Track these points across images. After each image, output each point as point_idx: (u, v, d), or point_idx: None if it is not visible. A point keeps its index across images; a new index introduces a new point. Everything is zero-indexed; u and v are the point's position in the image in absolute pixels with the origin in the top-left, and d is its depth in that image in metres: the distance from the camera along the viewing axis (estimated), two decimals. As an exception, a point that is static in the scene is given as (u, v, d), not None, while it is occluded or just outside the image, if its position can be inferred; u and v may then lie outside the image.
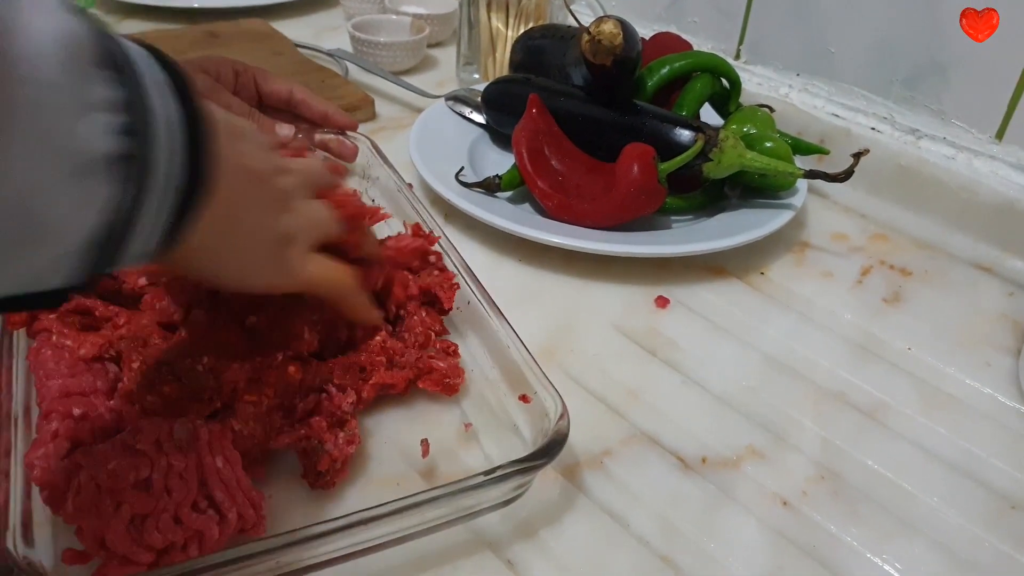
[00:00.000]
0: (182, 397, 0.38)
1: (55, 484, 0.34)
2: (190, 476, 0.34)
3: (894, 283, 0.60)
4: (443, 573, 0.36)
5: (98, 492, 0.33)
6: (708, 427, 0.45)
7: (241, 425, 0.38)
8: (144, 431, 0.35)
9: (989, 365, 0.52)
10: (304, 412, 0.41)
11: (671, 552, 0.38)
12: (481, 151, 0.72)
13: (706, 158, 0.59)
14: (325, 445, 0.39)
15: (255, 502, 0.36)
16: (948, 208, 0.66)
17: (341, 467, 0.39)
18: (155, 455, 0.34)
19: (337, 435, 0.39)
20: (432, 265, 0.49)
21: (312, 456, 0.39)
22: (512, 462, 0.35)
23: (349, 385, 0.42)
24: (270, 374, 0.39)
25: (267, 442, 0.39)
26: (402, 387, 0.44)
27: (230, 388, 0.39)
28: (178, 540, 0.33)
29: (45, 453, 0.35)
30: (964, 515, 0.41)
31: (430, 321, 0.47)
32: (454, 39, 0.92)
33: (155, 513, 0.33)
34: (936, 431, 0.46)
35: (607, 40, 0.58)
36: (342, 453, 0.39)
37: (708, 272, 0.59)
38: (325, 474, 0.38)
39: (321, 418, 0.40)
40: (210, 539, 0.34)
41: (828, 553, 0.38)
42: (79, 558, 0.33)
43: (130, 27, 1.00)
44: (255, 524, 0.35)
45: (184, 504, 0.33)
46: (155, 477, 0.33)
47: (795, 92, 0.77)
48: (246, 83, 0.60)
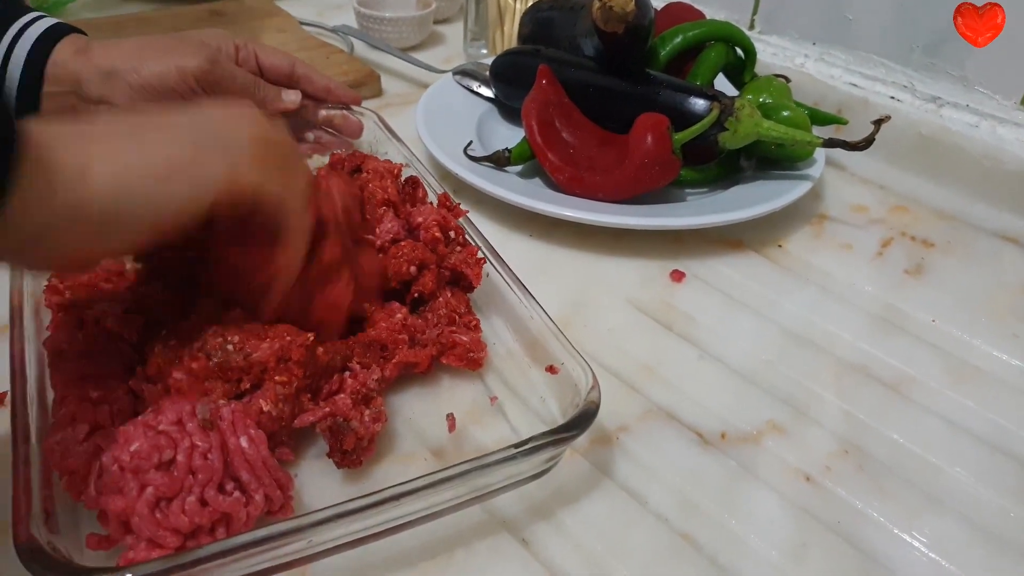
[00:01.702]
0: (210, 375, 0.37)
1: (75, 469, 0.33)
2: (215, 456, 0.33)
3: (916, 255, 0.58)
4: (458, 553, 0.35)
5: (121, 474, 0.32)
6: (727, 402, 0.44)
7: (270, 406, 0.36)
8: (166, 411, 0.34)
9: (1016, 336, 0.50)
10: (328, 392, 0.40)
11: (691, 529, 0.37)
12: (490, 126, 0.71)
13: (722, 128, 0.57)
14: (351, 423, 0.38)
15: (282, 483, 0.35)
16: (971, 177, 0.64)
17: (368, 445, 0.38)
18: (178, 435, 0.33)
19: (363, 412, 0.38)
20: (454, 241, 0.48)
21: (338, 434, 0.37)
22: (544, 433, 0.34)
23: (372, 363, 0.41)
24: (299, 353, 0.38)
25: (292, 422, 0.38)
26: (425, 365, 0.43)
27: (259, 368, 0.38)
28: (204, 523, 0.32)
29: (63, 438, 0.34)
30: (993, 489, 0.40)
31: (455, 302, 0.45)
32: (461, 15, 0.91)
33: (180, 495, 0.32)
34: (963, 404, 0.45)
35: (619, 7, 0.57)
36: (368, 431, 0.38)
37: (724, 245, 0.58)
38: (352, 452, 0.37)
39: (346, 396, 0.39)
40: (237, 521, 0.33)
41: (853, 529, 0.37)
42: (103, 543, 0.32)
43: (133, 7, 0.98)
44: (283, 505, 0.34)
45: (210, 485, 0.32)
46: (179, 458, 0.32)
47: (811, 62, 0.75)
48: (247, 57, 0.59)
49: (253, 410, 0.36)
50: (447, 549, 0.35)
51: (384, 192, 0.49)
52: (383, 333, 0.42)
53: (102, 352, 0.39)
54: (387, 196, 0.49)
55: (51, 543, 0.29)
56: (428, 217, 0.47)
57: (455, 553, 0.35)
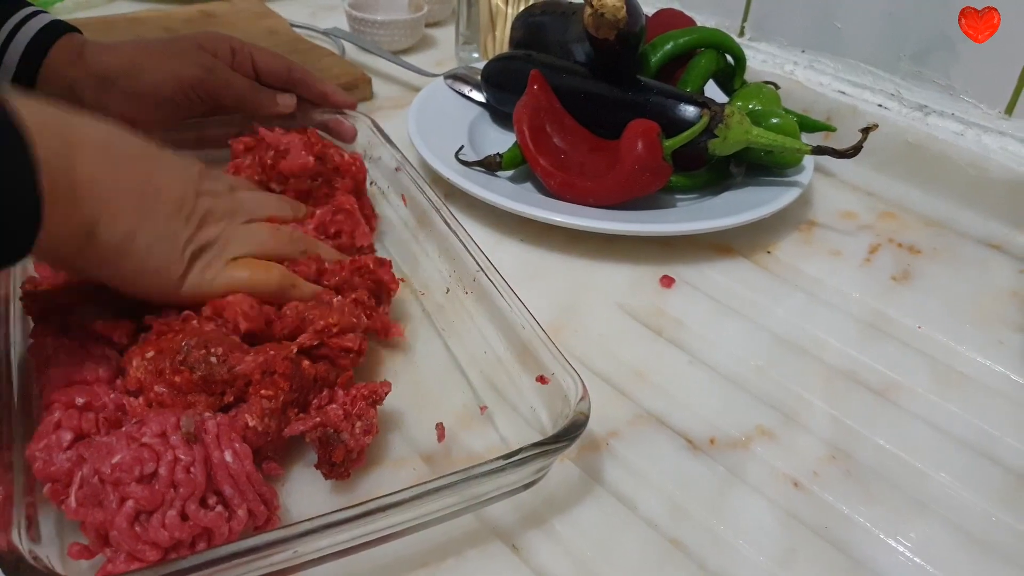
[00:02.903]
0: (193, 388, 0.37)
1: (57, 477, 0.33)
2: (198, 470, 0.33)
3: (903, 261, 0.59)
4: (449, 561, 0.35)
5: (101, 486, 0.32)
6: (716, 407, 0.44)
7: (256, 421, 0.36)
8: (150, 423, 0.33)
9: (1001, 343, 0.51)
10: (318, 406, 0.39)
11: (680, 535, 0.37)
12: (481, 130, 0.71)
13: (712, 134, 0.58)
14: (341, 435, 0.37)
15: (267, 498, 0.34)
16: (957, 185, 0.65)
17: (357, 457, 0.37)
18: (161, 448, 0.33)
19: (354, 424, 0.38)
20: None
21: (328, 446, 0.37)
22: (532, 445, 0.34)
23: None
24: (285, 366, 0.38)
25: (281, 435, 0.38)
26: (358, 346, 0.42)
27: (244, 381, 0.37)
28: (185, 537, 0.32)
29: (47, 445, 0.34)
30: (978, 494, 0.40)
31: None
32: (453, 18, 0.91)
33: (161, 509, 0.32)
34: (948, 410, 0.45)
35: (610, 13, 0.57)
36: (359, 443, 0.37)
37: (714, 251, 0.58)
38: (340, 465, 0.37)
39: (338, 407, 0.38)
40: (219, 536, 0.32)
41: (840, 534, 0.38)
42: (85, 553, 0.32)
43: (123, 7, 0.98)
44: (268, 519, 0.34)
45: (192, 499, 0.32)
46: (161, 471, 0.32)
47: (800, 69, 0.76)
48: (242, 61, 0.59)
49: (239, 425, 0.36)
50: (438, 558, 0.35)
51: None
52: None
53: (88, 357, 0.38)
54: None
55: (32, 552, 0.29)
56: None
57: (446, 561, 0.35)
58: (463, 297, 0.47)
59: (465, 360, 0.46)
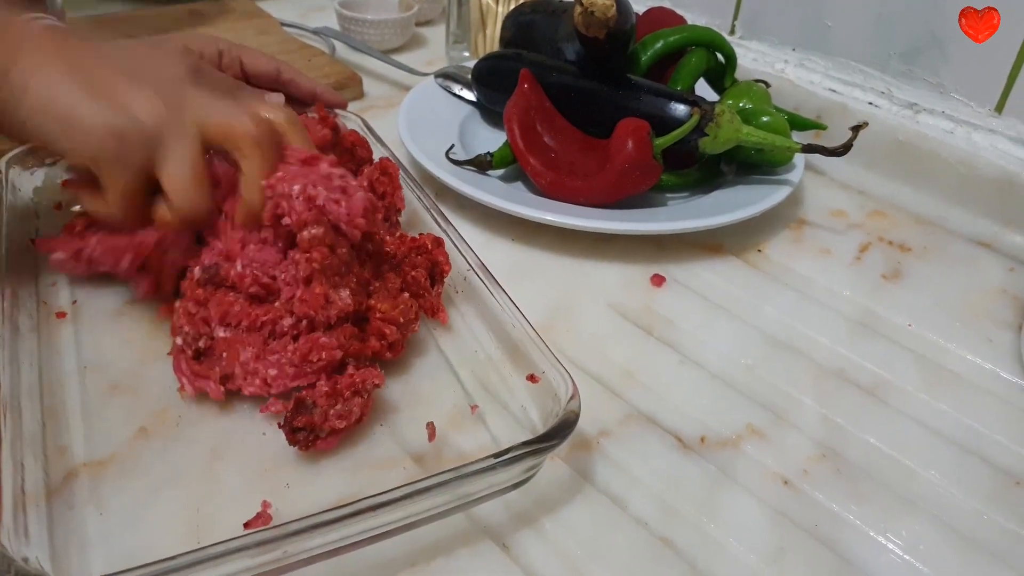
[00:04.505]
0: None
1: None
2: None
3: (893, 259, 0.59)
4: (438, 561, 0.35)
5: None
6: (706, 406, 0.44)
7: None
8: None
9: (990, 341, 0.51)
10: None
11: (670, 534, 0.37)
12: (472, 129, 0.71)
13: (702, 133, 0.58)
14: (315, 408, 0.37)
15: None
16: (947, 183, 0.65)
17: (327, 437, 0.38)
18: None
19: (335, 404, 0.38)
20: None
21: (297, 409, 0.37)
22: (523, 444, 0.34)
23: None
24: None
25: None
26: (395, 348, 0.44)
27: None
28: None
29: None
30: (967, 492, 0.40)
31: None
32: (443, 17, 0.91)
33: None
34: (938, 408, 0.45)
35: (600, 12, 0.57)
36: (329, 423, 0.37)
37: (704, 250, 0.58)
38: (300, 431, 0.37)
39: (326, 384, 0.39)
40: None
41: (830, 532, 0.38)
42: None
43: (111, 7, 0.97)
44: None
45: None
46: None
47: (791, 67, 0.76)
48: (231, 63, 0.58)
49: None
50: (428, 557, 0.35)
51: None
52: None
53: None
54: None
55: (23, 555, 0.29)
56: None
57: (436, 560, 0.35)
58: (454, 296, 0.47)
59: (456, 359, 0.45)
